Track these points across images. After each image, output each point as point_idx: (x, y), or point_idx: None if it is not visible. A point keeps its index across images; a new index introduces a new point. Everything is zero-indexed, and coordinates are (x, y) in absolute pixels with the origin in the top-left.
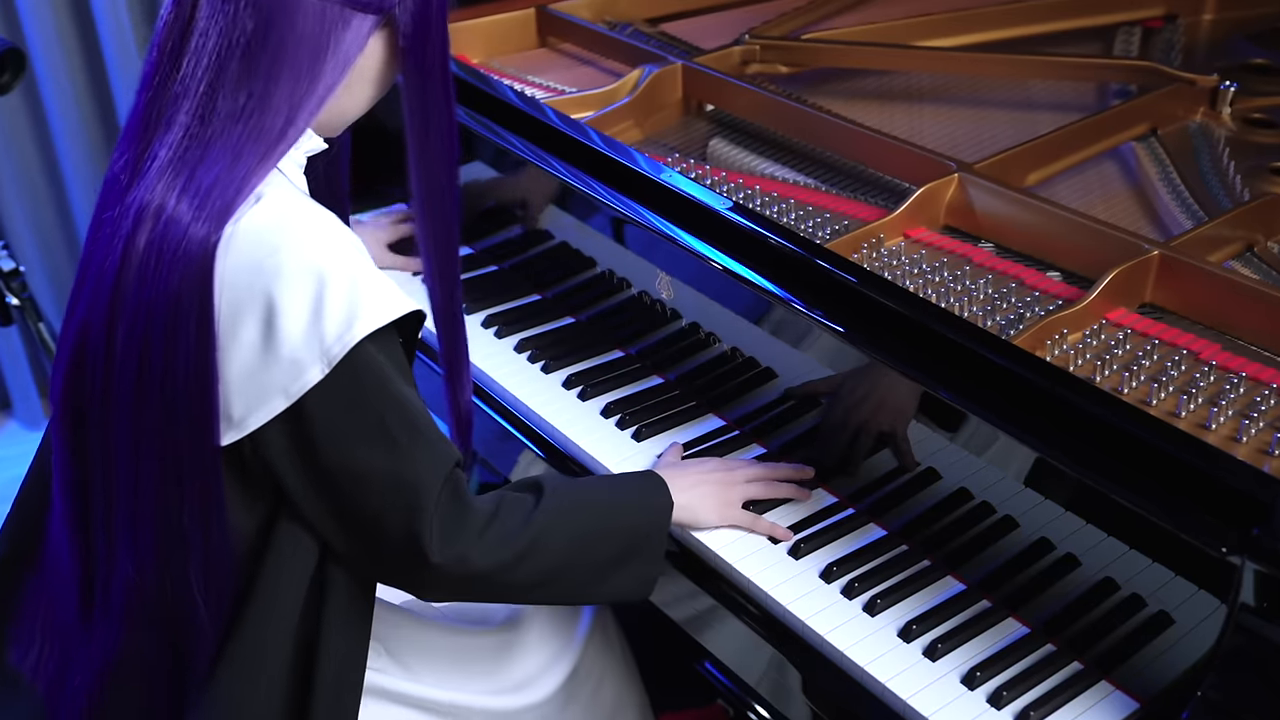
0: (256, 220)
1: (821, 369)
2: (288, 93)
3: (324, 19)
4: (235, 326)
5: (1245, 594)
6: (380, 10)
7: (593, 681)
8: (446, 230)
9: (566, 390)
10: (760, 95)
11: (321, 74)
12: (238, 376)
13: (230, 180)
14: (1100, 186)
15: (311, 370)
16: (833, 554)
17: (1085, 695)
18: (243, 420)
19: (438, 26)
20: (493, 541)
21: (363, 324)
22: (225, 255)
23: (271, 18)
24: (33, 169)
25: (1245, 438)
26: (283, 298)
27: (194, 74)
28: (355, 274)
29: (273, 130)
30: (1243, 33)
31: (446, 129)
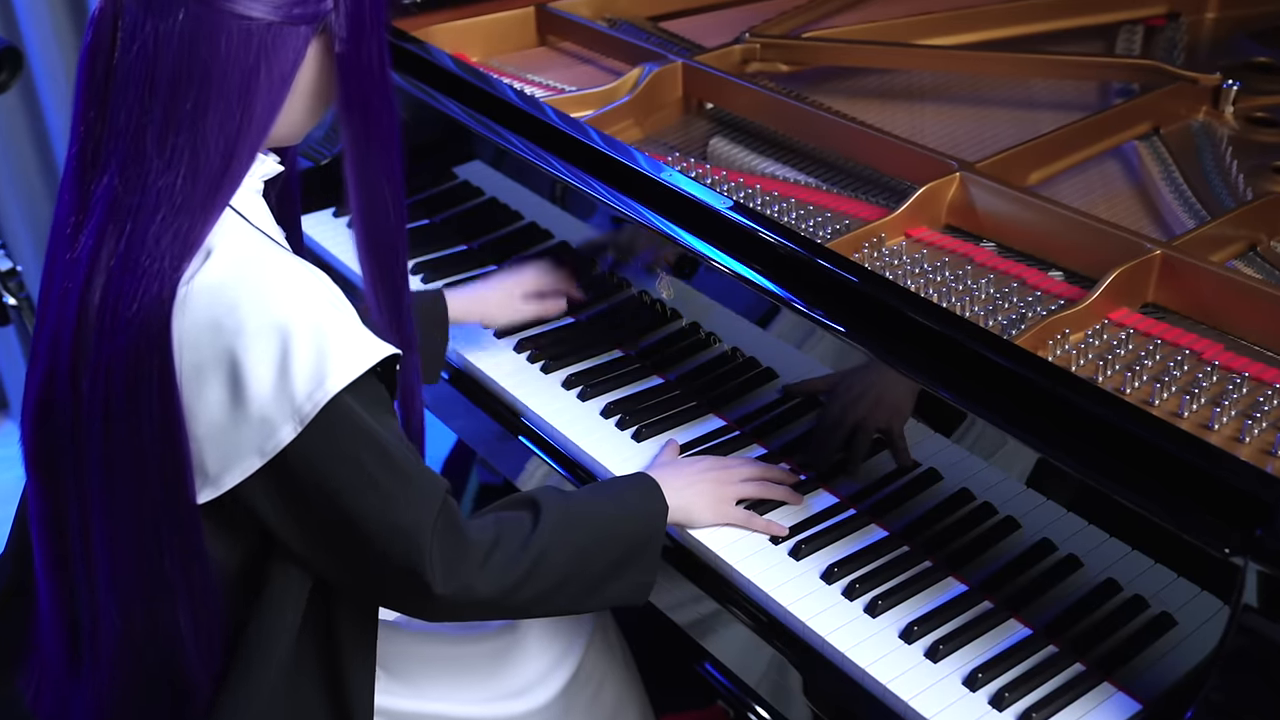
0: (210, 277)
1: (822, 369)
2: (219, 126)
3: (250, 40)
4: (200, 386)
5: (1248, 595)
6: (313, 20)
7: (593, 684)
8: (391, 249)
9: (566, 390)
10: (761, 94)
11: (255, 99)
12: (208, 434)
13: (177, 230)
14: (1102, 186)
15: (284, 429)
16: (834, 555)
17: (1087, 697)
18: (218, 477)
19: (373, 27)
20: (495, 569)
21: (334, 379)
22: (181, 316)
23: (193, 47)
24: (30, 168)
25: (1248, 438)
26: (246, 357)
27: (120, 111)
28: (319, 323)
29: (212, 169)
30: (1245, 31)
31: (388, 139)
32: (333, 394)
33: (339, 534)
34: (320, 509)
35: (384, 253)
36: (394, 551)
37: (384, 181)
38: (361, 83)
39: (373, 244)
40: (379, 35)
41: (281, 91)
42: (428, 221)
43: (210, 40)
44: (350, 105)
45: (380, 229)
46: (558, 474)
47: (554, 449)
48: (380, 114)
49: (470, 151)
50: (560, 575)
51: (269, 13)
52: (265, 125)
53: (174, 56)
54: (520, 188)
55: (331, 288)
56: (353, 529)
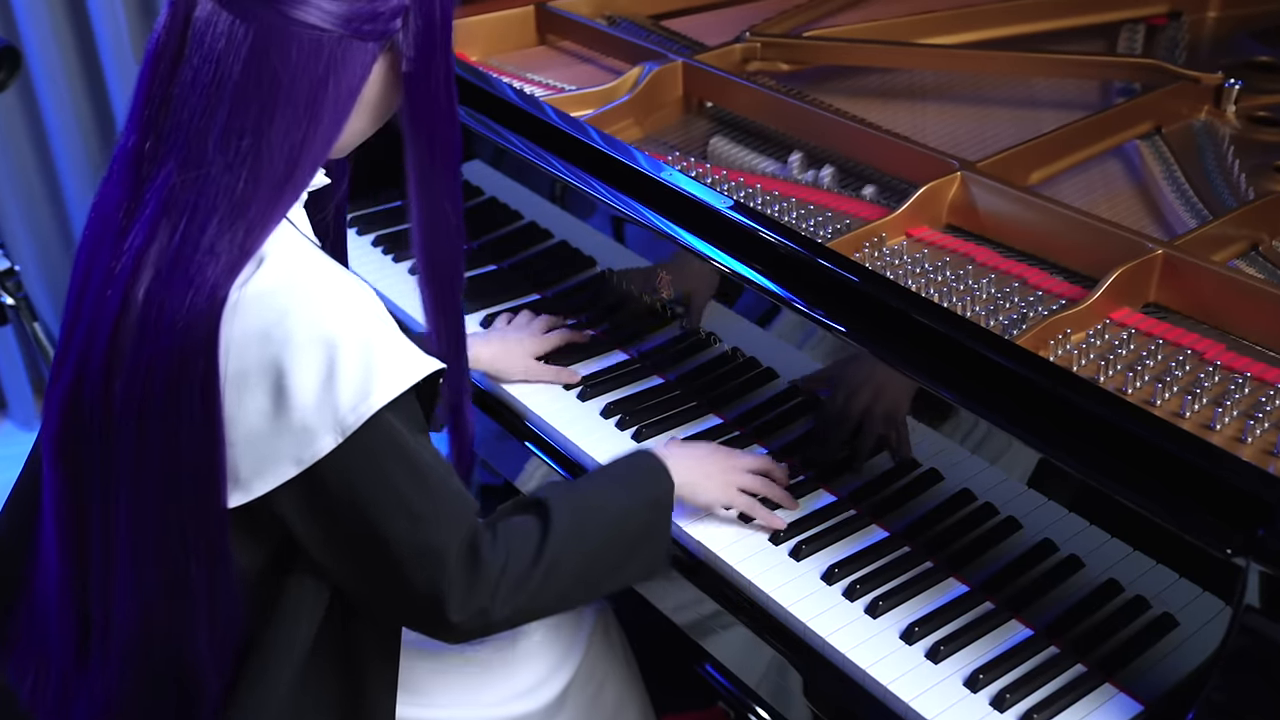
0: (262, 284)
1: (823, 369)
2: (285, 134)
3: (320, 51)
4: (242, 393)
5: (1250, 596)
6: (382, 36)
7: (594, 685)
8: (451, 262)
9: (566, 391)
10: (761, 93)
11: (322, 110)
12: (245, 440)
13: (233, 234)
14: (1104, 185)
15: (324, 439)
16: (834, 556)
17: (1089, 698)
18: (249, 483)
19: (442, 50)
20: (508, 591)
21: (379, 394)
22: (230, 321)
23: (265, 52)
24: (28, 168)
25: (1250, 438)
26: (293, 366)
27: (184, 111)
28: (368, 338)
29: (275, 176)
30: (1247, 30)
31: (451, 157)
32: (377, 408)
33: (364, 550)
34: (348, 523)
35: (444, 272)
36: (416, 573)
37: (446, 201)
38: (427, 103)
39: (434, 264)
40: (446, 58)
41: (348, 105)
42: None
43: (281, 48)
44: (417, 125)
45: (442, 249)
46: (558, 474)
47: (554, 449)
48: (445, 135)
49: (470, 151)
50: (573, 576)
51: (339, 26)
52: (331, 137)
53: (245, 61)
54: (520, 187)
55: (378, 303)
56: (378, 546)
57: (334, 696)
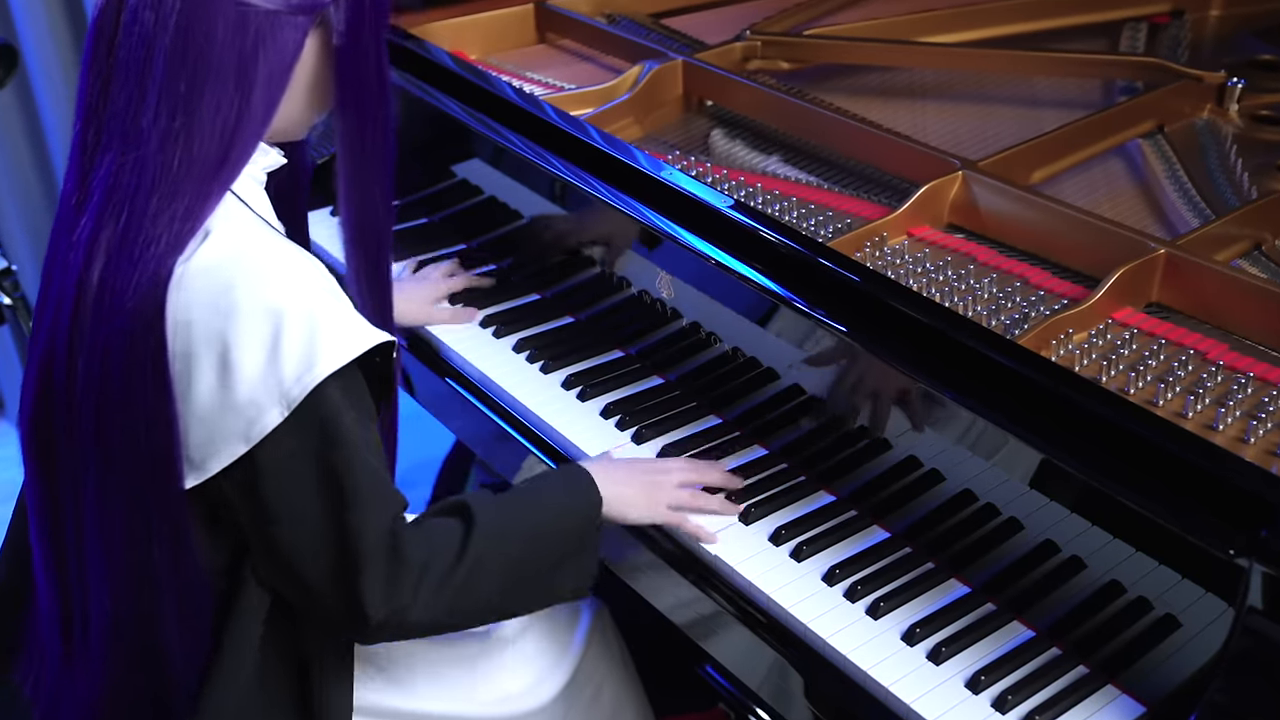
0: (207, 257)
1: (824, 369)
2: (215, 111)
3: (246, 27)
4: (191, 369)
5: (1253, 597)
6: (312, 10)
7: (591, 687)
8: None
9: (566, 391)
10: (762, 92)
11: (253, 86)
12: (197, 419)
13: (174, 212)
14: (1106, 184)
15: (270, 413)
16: (835, 557)
17: (1091, 699)
18: (203, 463)
19: (372, 24)
20: (429, 592)
21: (324, 364)
22: (176, 295)
23: (190, 29)
24: (25, 167)
25: (1253, 438)
26: (238, 338)
27: (120, 94)
28: (313, 309)
29: (209, 156)
30: (1250, 29)
31: (382, 134)
32: (322, 378)
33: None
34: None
35: (371, 246)
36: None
37: (375, 177)
38: (357, 77)
39: (360, 237)
40: (378, 31)
41: (281, 82)
42: (426, 220)
43: (207, 24)
44: (345, 99)
45: (369, 223)
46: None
47: (553, 450)
48: (375, 110)
49: (469, 150)
50: (497, 580)
51: (266, 1)
52: (265, 115)
53: (171, 38)
54: (519, 186)
55: (327, 276)
56: (300, 528)
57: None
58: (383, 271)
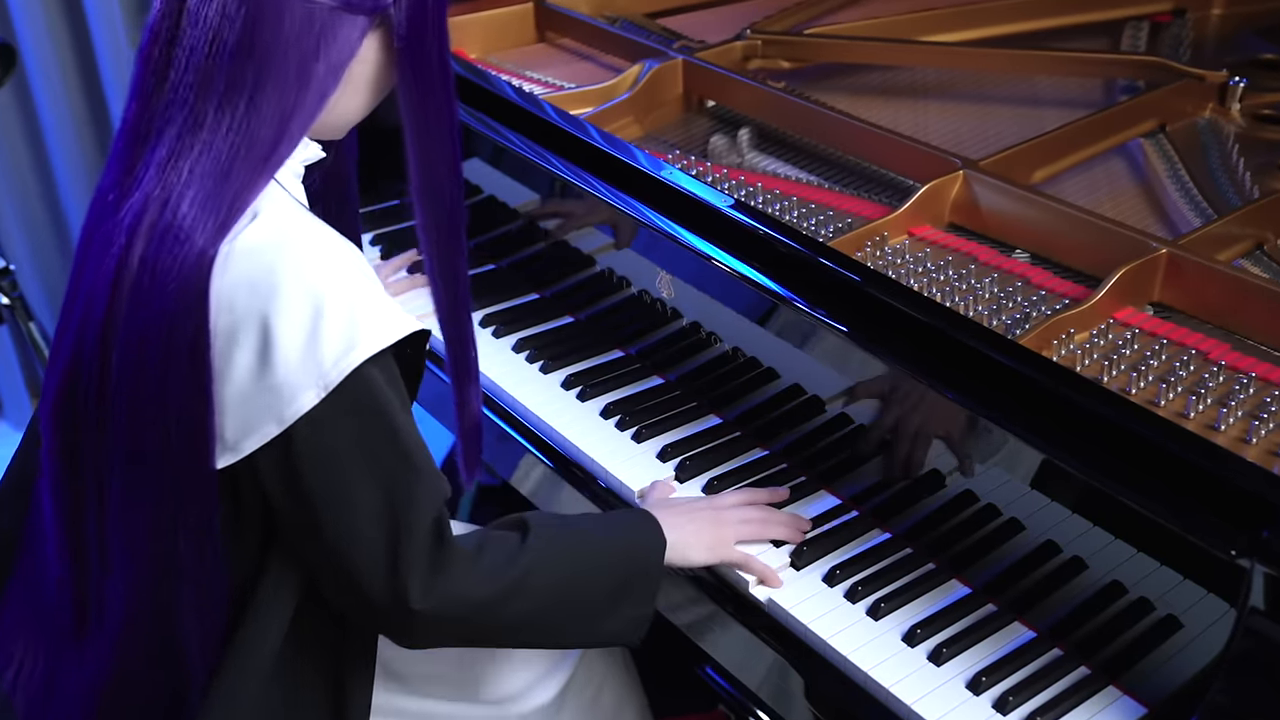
0: (252, 238)
1: (824, 369)
2: (276, 101)
3: (312, 22)
4: (230, 349)
5: (1255, 598)
6: (374, 10)
7: (592, 687)
8: (452, 235)
9: (565, 391)
10: (762, 91)
11: (311, 81)
12: (233, 399)
13: (223, 195)
14: (1107, 184)
15: (306, 394)
16: (836, 558)
17: (1092, 700)
18: (237, 444)
19: (435, 24)
20: (477, 580)
21: (362, 348)
22: (221, 275)
23: (257, 24)
24: (23, 166)
25: (1255, 439)
26: (278, 320)
27: (180, 84)
28: (355, 294)
29: (264, 142)
30: (1252, 27)
31: (448, 131)
32: (359, 362)
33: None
34: (320, 486)
35: (445, 239)
36: (380, 547)
37: (444, 172)
38: (421, 78)
39: (435, 231)
40: (440, 32)
41: (336, 77)
42: None
43: (275, 19)
44: (410, 99)
45: (442, 216)
46: (556, 475)
47: (553, 450)
48: (440, 108)
49: (469, 149)
50: (548, 599)
51: None
52: (316, 108)
53: (238, 31)
54: (519, 186)
55: (366, 264)
56: (345, 513)
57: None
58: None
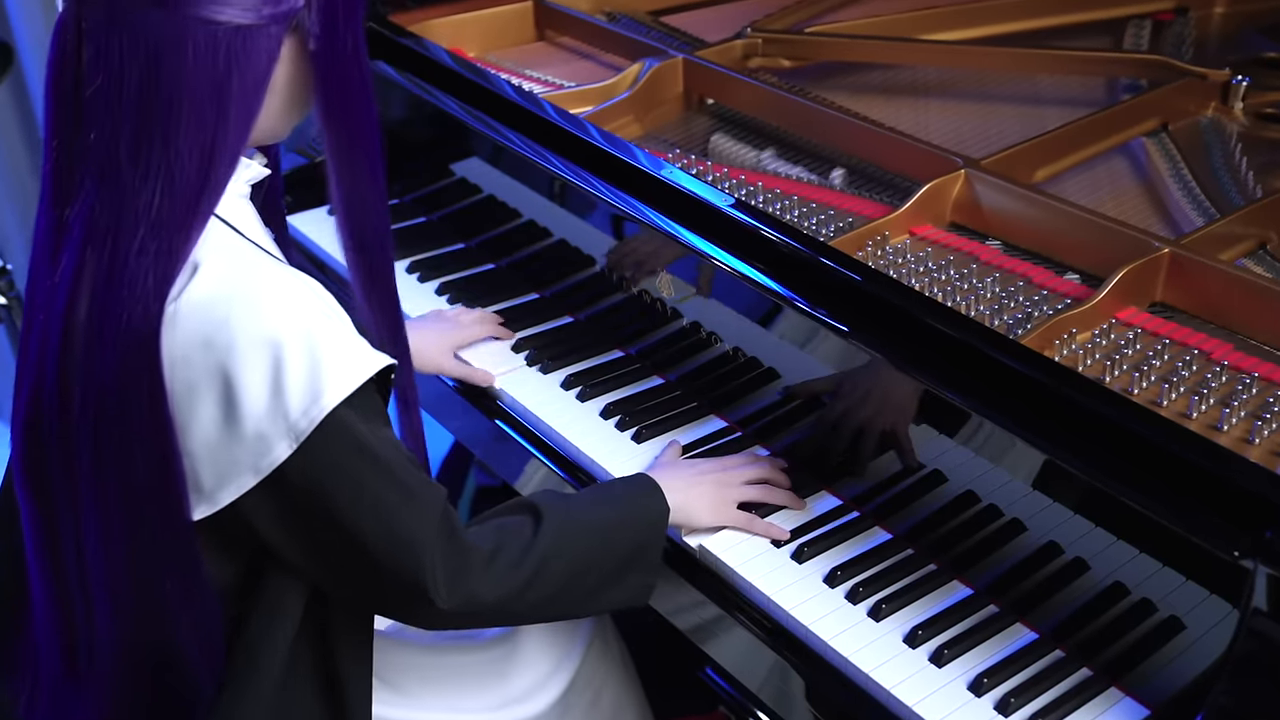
0: (198, 292)
1: (825, 369)
2: (194, 136)
3: (217, 46)
4: (193, 404)
5: (1258, 599)
6: (284, 19)
7: (592, 690)
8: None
9: (565, 391)
10: (763, 90)
11: (229, 107)
12: (203, 452)
13: (159, 248)
14: (1109, 183)
15: (279, 447)
16: (837, 558)
17: (1094, 702)
18: (214, 493)
19: (347, 22)
20: (497, 577)
21: (330, 395)
22: (171, 333)
23: (160, 57)
24: (20, 166)
25: (1258, 439)
26: (238, 373)
27: (93, 129)
28: (313, 337)
29: (189, 182)
30: (1255, 26)
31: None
32: (328, 410)
33: (339, 550)
34: (319, 524)
35: (372, 251)
36: (395, 565)
37: (367, 178)
38: (338, 79)
39: (359, 242)
40: (354, 29)
41: (257, 96)
42: (425, 219)
43: (176, 49)
44: (329, 102)
45: (367, 226)
46: (556, 476)
47: (553, 450)
48: (359, 110)
49: (468, 148)
50: (562, 581)
51: (237, 16)
52: (242, 133)
53: (141, 68)
54: (519, 185)
55: (324, 296)
56: (352, 544)
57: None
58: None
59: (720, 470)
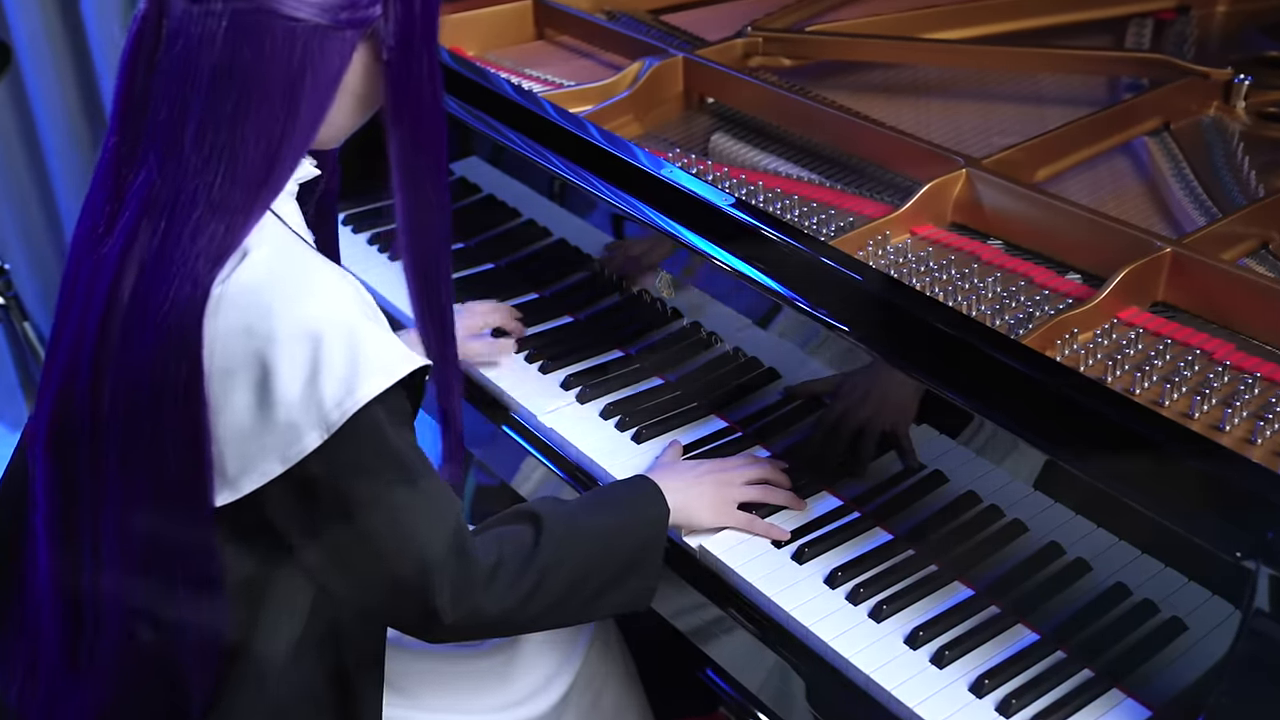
0: (245, 278)
1: (825, 369)
2: (263, 127)
3: (294, 42)
4: (227, 389)
5: (1259, 599)
6: (361, 25)
7: (593, 691)
8: (437, 258)
9: (565, 391)
10: (763, 89)
11: (299, 103)
12: (231, 437)
13: (214, 231)
14: (1111, 182)
15: (309, 436)
16: (838, 559)
17: (1096, 703)
18: (237, 480)
19: (424, 36)
20: (499, 591)
21: (364, 389)
22: (214, 316)
23: (238, 45)
24: (18, 166)
25: (1260, 439)
26: (277, 362)
27: (162, 109)
28: (353, 332)
29: (253, 171)
30: (1257, 25)
31: (437, 148)
32: (362, 404)
33: (351, 547)
34: (335, 520)
35: (430, 263)
36: (404, 569)
37: (432, 195)
38: (410, 92)
39: (420, 260)
40: (430, 44)
41: (328, 96)
42: None
43: (255, 40)
44: (399, 114)
45: (428, 239)
46: (556, 476)
47: (552, 451)
48: (429, 123)
49: (467, 147)
50: (564, 590)
51: (316, 15)
52: (310, 130)
53: (217, 55)
54: (518, 184)
55: (365, 296)
56: (365, 542)
57: (323, 699)
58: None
59: (720, 471)
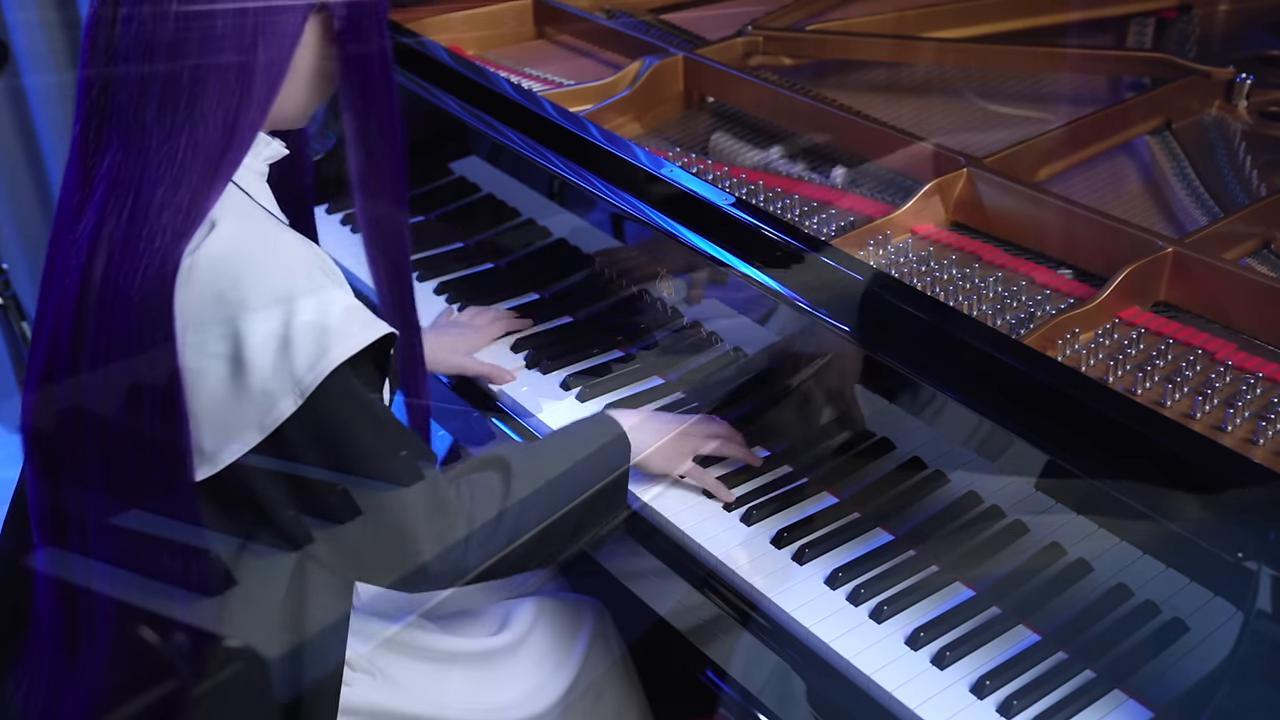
0: (213, 249)
1: (826, 369)
2: (218, 100)
3: (245, 17)
4: (201, 360)
5: (1261, 600)
6: None
7: (593, 692)
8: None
9: (565, 391)
10: (764, 88)
11: (253, 77)
12: (207, 410)
13: (178, 204)
14: (1113, 182)
15: (284, 402)
16: (838, 559)
17: (1098, 704)
18: (215, 454)
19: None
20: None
21: (334, 353)
22: (185, 287)
23: (188, 26)
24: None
25: (1262, 440)
26: (249, 331)
27: (122, 92)
28: (322, 299)
29: (212, 144)
30: (1259, 23)
31: (389, 117)
32: (334, 364)
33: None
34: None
35: (387, 235)
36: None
37: (386, 160)
38: (361, 61)
39: (376, 225)
40: (378, 13)
41: (280, 70)
42: (424, 218)
43: (206, 16)
44: (350, 82)
45: (383, 209)
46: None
47: None
48: (380, 92)
49: (467, 147)
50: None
51: None
52: (266, 103)
53: (171, 33)
54: (518, 184)
55: (331, 265)
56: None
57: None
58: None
59: (683, 421)
